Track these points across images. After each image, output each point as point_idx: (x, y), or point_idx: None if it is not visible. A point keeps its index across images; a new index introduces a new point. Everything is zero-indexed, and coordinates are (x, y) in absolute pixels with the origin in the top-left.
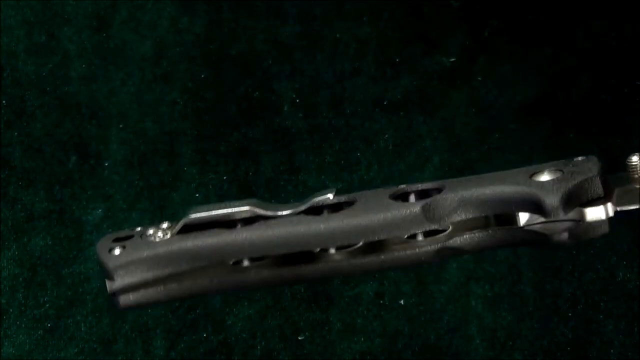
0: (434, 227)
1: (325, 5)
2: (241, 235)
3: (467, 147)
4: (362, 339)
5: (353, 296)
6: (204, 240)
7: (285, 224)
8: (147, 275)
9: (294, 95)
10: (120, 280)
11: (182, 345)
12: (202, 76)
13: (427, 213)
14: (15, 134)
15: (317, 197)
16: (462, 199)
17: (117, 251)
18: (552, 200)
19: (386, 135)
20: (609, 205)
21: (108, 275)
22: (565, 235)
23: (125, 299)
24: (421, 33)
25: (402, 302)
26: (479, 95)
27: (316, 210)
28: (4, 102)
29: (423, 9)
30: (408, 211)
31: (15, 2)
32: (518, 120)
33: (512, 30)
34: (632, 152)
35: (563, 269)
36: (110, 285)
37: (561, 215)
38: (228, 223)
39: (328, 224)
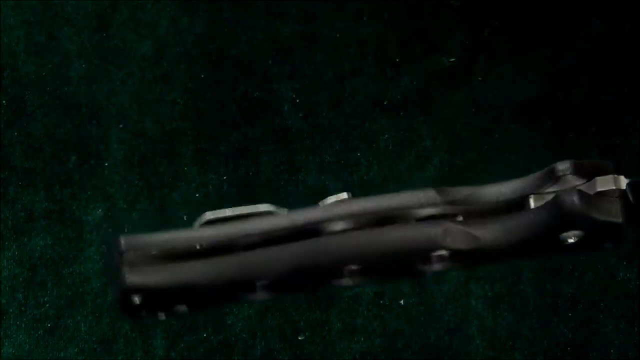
0: (446, 207)
1: (325, 5)
2: (260, 222)
3: (467, 147)
4: (362, 339)
5: (353, 296)
6: (221, 229)
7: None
8: (157, 258)
9: (294, 95)
10: (131, 253)
11: (182, 345)
12: (202, 76)
13: (441, 194)
14: (15, 134)
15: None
16: (476, 187)
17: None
18: (564, 165)
19: (386, 135)
20: (622, 177)
21: (117, 247)
22: (575, 196)
23: (133, 275)
24: (421, 33)
25: (402, 302)
26: (479, 95)
27: None
28: (4, 102)
29: (423, 9)
30: (422, 193)
31: (15, 2)
32: (518, 120)
33: (512, 30)
34: (632, 152)
35: (563, 269)
36: (119, 247)
37: (571, 178)
38: None
39: (343, 207)
